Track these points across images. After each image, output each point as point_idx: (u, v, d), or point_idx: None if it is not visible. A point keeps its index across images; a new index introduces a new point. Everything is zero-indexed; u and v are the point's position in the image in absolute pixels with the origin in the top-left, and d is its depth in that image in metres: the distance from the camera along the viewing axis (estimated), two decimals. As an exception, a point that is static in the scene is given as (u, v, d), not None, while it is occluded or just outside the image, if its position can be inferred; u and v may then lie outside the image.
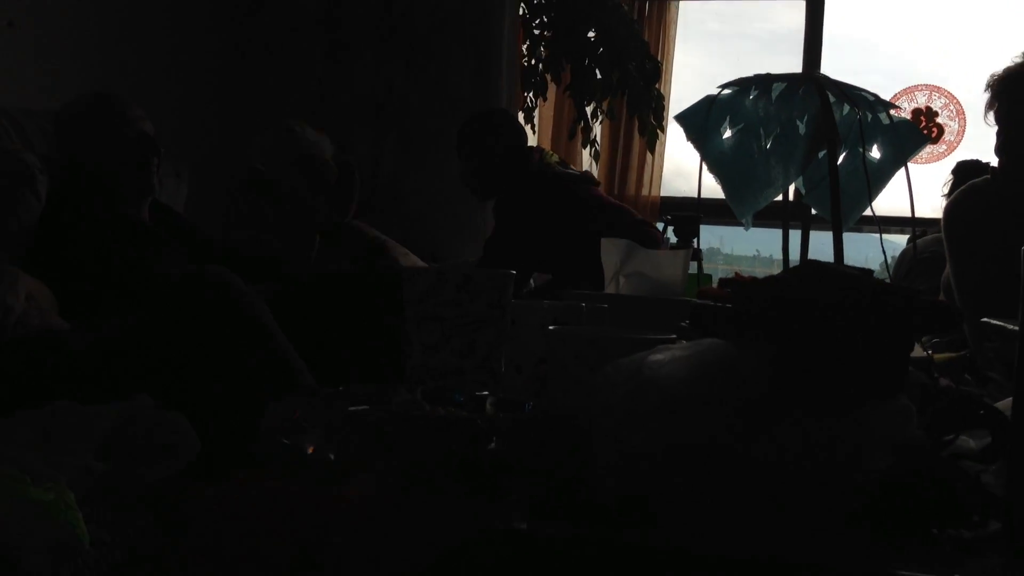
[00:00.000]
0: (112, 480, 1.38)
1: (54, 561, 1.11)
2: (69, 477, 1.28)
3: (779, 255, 4.34)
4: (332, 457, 0.88)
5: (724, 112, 1.57)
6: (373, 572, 0.79)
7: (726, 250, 5.06)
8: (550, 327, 1.14)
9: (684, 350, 0.99)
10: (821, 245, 3.43)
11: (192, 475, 1.56)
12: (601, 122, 3.88)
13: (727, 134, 1.58)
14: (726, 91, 1.61)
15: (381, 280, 2.12)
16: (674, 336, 1.12)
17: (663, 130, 3.70)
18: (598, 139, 3.90)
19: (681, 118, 1.60)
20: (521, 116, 3.81)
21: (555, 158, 3.11)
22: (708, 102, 1.59)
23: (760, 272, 4.44)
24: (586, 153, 3.96)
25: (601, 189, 3.16)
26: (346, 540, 0.80)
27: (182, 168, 2.53)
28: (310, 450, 0.88)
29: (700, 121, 1.56)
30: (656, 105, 3.61)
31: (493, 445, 0.95)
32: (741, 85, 1.59)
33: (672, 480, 0.92)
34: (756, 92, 1.56)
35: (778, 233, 2.81)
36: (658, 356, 0.99)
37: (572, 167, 3.14)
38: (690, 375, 0.94)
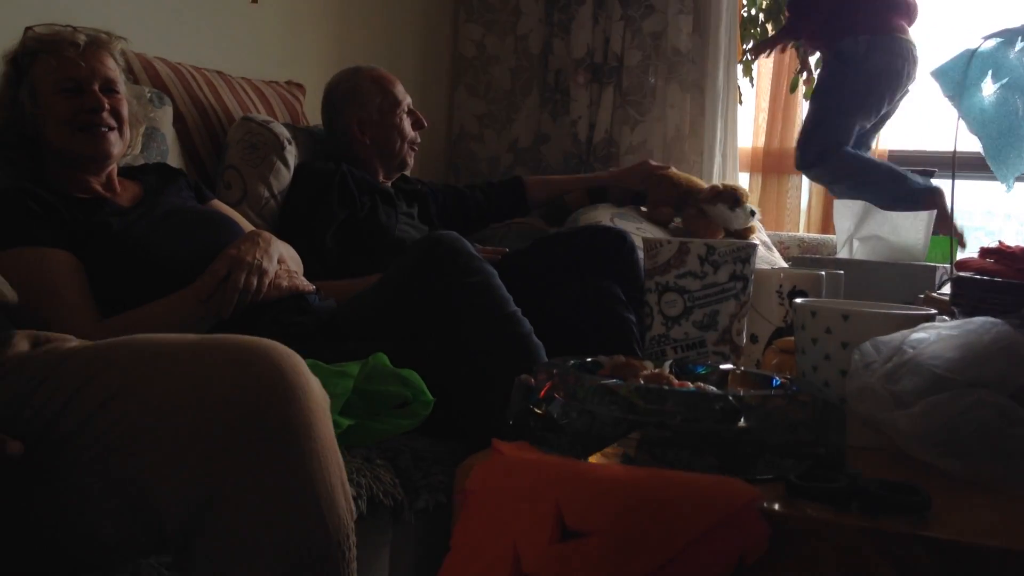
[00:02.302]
0: (355, 436, 1.46)
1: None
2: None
3: (1018, 211, 3.99)
4: (584, 429, 0.90)
5: (986, 66, 1.45)
6: (628, 544, 0.80)
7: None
8: (797, 299, 1.10)
9: (952, 328, 0.94)
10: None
11: (430, 433, 1.63)
12: (826, 72, 3.69)
13: (989, 90, 1.46)
14: (988, 43, 1.48)
15: (602, 239, 2.12)
16: (934, 312, 1.06)
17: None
18: (822, 91, 3.72)
19: (937, 73, 1.49)
20: (740, 68, 3.69)
21: None
22: (967, 55, 1.47)
23: (995, 230, 4.12)
24: (808, 105, 3.79)
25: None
26: (601, 513, 0.81)
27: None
28: (563, 422, 0.90)
29: (958, 76, 1.45)
30: (887, 52, 3.40)
31: (743, 422, 0.93)
32: (1005, 36, 1.46)
33: (940, 465, 0.88)
34: (1023, 43, 1.43)
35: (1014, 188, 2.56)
36: (921, 334, 0.94)
37: None
38: (961, 356, 0.88)
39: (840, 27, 3.05)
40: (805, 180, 3.83)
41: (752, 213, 2.55)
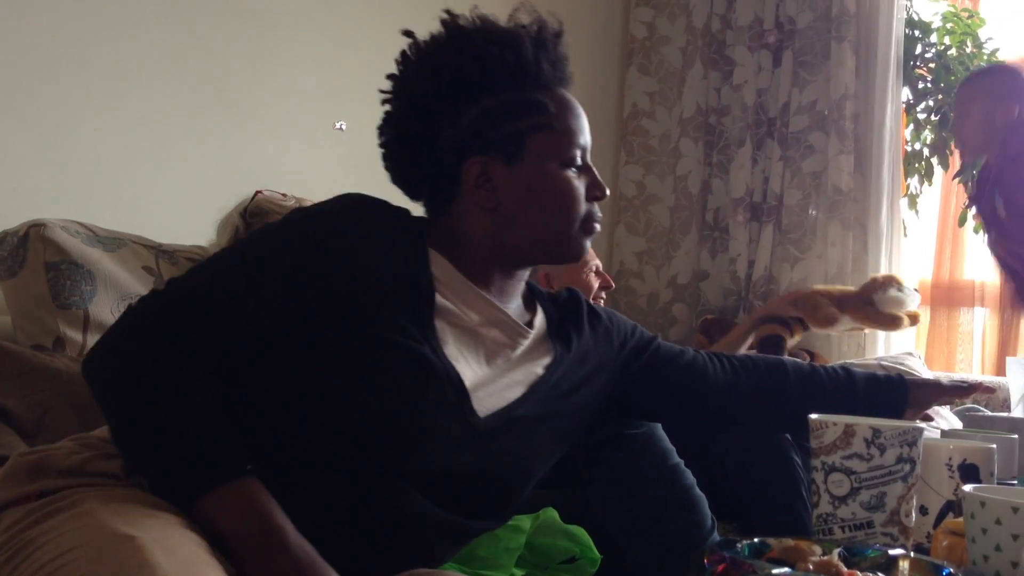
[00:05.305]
0: (523, 588, 1.52)
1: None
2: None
3: None
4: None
5: None
6: None
7: None
8: (965, 487, 1.11)
9: None
10: None
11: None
12: (997, 207, 3.62)
13: None
14: None
15: None
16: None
17: (1070, 213, 3.38)
18: (991, 224, 3.64)
19: None
20: (904, 203, 3.66)
21: None
22: None
23: None
24: (978, 239, 3.71)
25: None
26: None
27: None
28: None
29: None
30: (1061, 187, 3.31)
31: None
32: None
33: None
34: None
35: None
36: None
37: None
38: None
39: None
40: (979, 313, 3.73)
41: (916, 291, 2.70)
